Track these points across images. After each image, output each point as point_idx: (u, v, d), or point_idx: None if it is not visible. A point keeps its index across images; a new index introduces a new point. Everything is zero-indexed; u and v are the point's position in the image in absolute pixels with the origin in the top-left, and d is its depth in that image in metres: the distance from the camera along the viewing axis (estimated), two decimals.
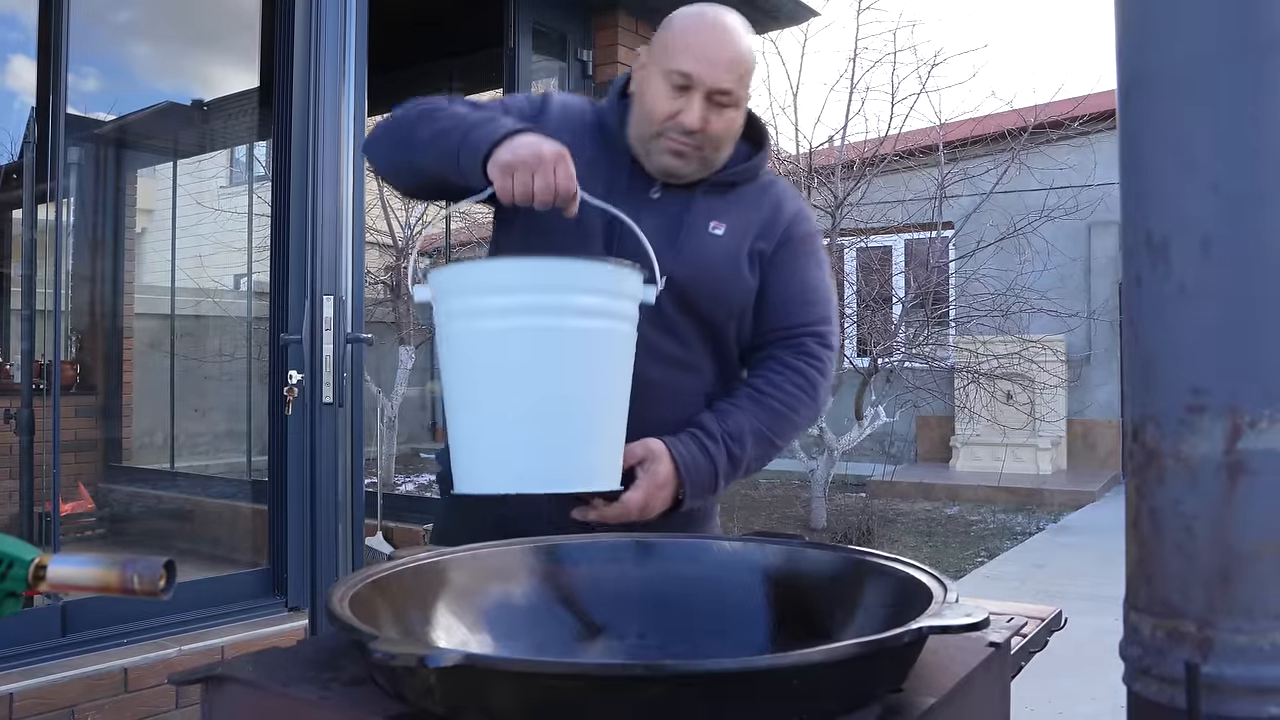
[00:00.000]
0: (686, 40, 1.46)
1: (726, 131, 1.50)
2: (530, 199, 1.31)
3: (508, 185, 1.31)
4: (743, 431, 1.49)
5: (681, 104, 1.45)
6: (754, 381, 1.56)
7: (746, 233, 1.55)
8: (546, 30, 4.47)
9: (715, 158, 1.52)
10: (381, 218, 7.57)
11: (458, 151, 1.37)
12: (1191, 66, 0.69)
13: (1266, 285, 0.65)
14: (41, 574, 0.70)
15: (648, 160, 1.52)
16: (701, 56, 1.44)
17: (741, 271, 1.54)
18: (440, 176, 1.43)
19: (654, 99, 1.47)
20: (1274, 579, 0.65)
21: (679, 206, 1.54)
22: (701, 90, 1.45)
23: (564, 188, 1.32)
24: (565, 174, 1.32)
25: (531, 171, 1.30)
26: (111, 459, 5.55)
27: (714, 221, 1.54)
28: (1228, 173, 0.67)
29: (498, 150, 1.33)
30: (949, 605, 0.83)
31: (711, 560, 1.12)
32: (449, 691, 0.73)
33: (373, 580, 0.96)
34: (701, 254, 1.51)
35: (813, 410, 1.57)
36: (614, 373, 1.34)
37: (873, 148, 7.31)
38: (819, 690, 0.73)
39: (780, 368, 1.55)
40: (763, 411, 1.52)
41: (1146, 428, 0.69)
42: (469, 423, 1.32)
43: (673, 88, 1.45)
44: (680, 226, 1.52)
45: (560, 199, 1.33)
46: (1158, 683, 0.69)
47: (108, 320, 5.60)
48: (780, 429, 1.53)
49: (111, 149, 5.61)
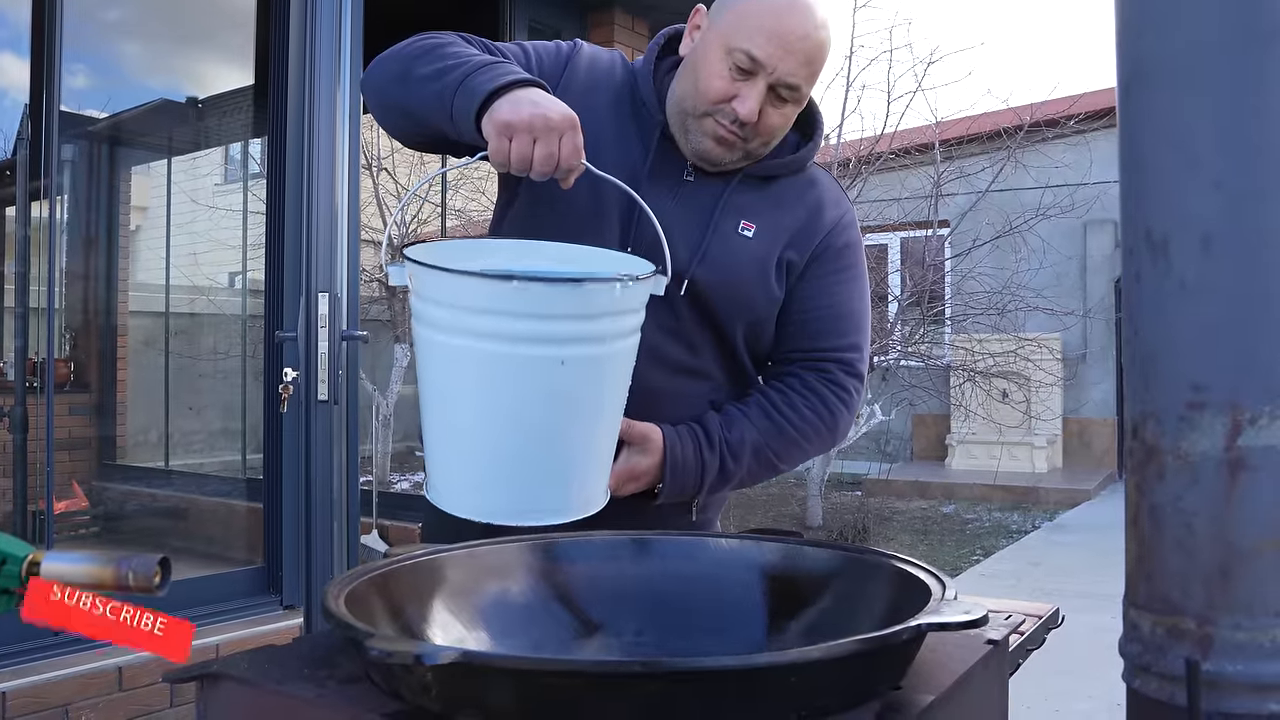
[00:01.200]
0: (763, 18, 1.26)
1: (781, 128, 1.34)
2: (527, 168, 1.13)
3: (503, 148, 1.12)
4: (744, 445, 1.37)
5: (740, 89, 1.27)
6: (771, 395, 1.41)
7: (778, 238, 1.39)
8: (542, 27, 4.47)
9: (760, 151, 1.36)
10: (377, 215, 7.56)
11: (453, 95, 1.17)
12: (1192, 57, 0.69)
13: (1267, 282, 0.65)
14: (35, 571, 0.70)
15: (684, 139, 1.35)
16: (777, 41, 1.25)
17: (768, 280, 1.38)
18: (433, 124, 1.24)
19: (709, 75, 1.29)
20: (1274, 575, 0.65)
21: (710, 197, 1.37)
22: (766, 79, 1.27)
23: (567, 161, 1.13)
24: (572, 146, 1.13)
25: (534, 137, 1.11)
26: (106, 457, 5.53)
27: (744, 221, 1.37)
28: (1229, 169, 0.67)
29: (498, 102, 1.13)
30: (947, 602, 0.83)
31: (709, 558, 1.12)
32: (445, 689, 0.72)
33: (368, 578, 0.95)
34: (727, 257, 1.35)
35: (827, 441, 1.42)
36: (603, 401, 1.18)
37: (869, 146, 7.31)
38: (817, 687, 0.73)
39: (803, 389, 1.40)
40: (772, 429, 1.38)
41: (1147, 424, 0.69)
42: (438, 437, 1.19)
43: (734, 67, 1.27)
44: (709, 223, 1.36)
45: (561, 173, 1.14)
46: (1158, 680, 0.68)
47: (102, 318, 5.59)
48: (785, 453, 1.40)
49: (106, 146, 5.59)
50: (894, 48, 10.43)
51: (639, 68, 1.42)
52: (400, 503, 5.58)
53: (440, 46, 1.26)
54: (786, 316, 1.42)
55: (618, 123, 1.38)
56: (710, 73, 1.29)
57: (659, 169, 1.37)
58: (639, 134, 1.38)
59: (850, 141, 7.52)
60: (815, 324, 1.42)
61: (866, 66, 9.01)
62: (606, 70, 1.42)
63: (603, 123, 1.36)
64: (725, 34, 1.28)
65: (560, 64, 1.39)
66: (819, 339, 1.42)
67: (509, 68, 1.18)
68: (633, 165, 1.35)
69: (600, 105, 1.38)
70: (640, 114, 1.39)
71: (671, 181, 1.37)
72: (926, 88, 10.07)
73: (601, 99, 1.38)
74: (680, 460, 1.34)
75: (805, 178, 1.45)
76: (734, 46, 1.27)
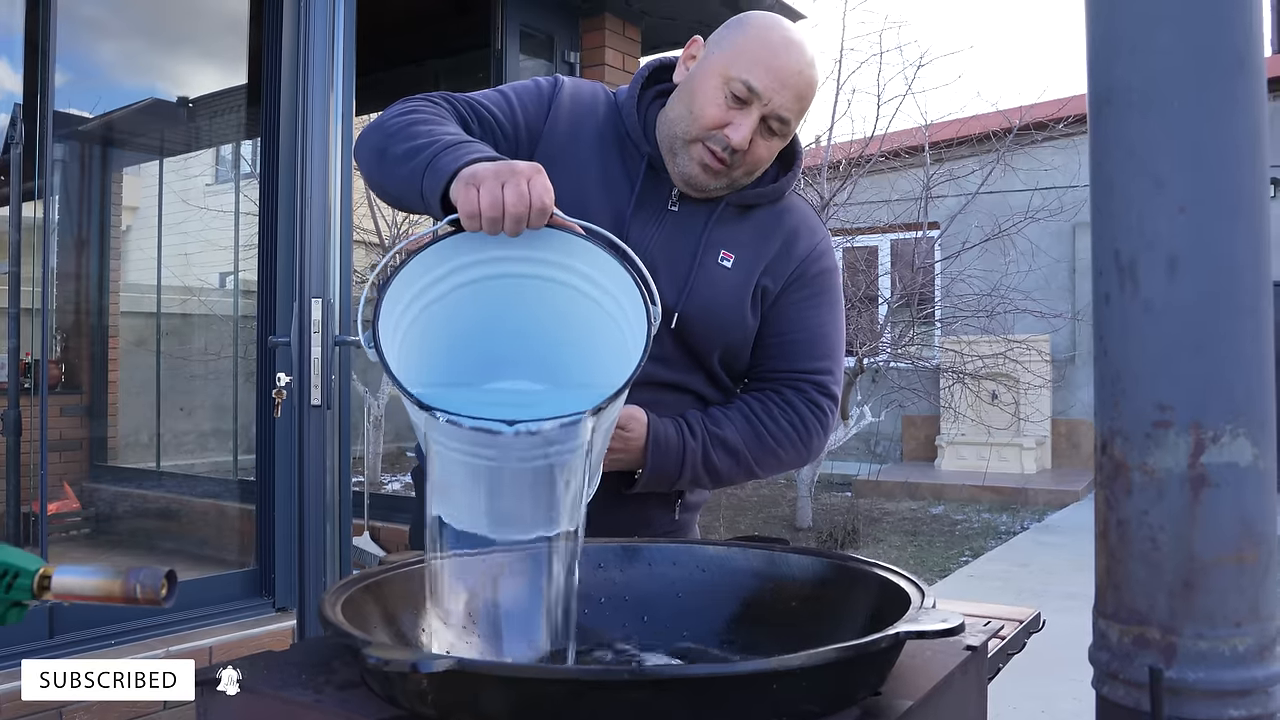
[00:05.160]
0: (761, 52, 1.32)
1: (765, 160, 1.39)
2: (499, 211, 1.05)
3: (471, 196, 1.06)
4: (724, 440, 1.41)
5: (735, 117, 1.32)
6: (751, 403, 1.45)
7: (755, 267, 1.43)
8: (534, 32, 4.49)
9: (743, 181, 1.41)
10: (368, 216, 7.57)
11: (421, 176, 1.17)
12: (1159, 85, 0.71)
13: (1229, 305, 0.68)
14: (46, 584, 0.72)
15: (672, 163, 1.39)
16: (774, 75, 1.31)
17: (744, 310, 1.42)
18: (408, 203, 1.23)
19: (705, 102, 1.33)
20: (1233, 587, 0.68)
21: (695, 227, 1.41)
22: (760, 109, 1.32)
23: (540, 199, 1.06)
24: (542, 185, 1.08)
25: (501, 182, 1.06)
26: (97, 458, 5.53)
27: (724, 251, 1.42)
28: (1193, 194, 0.70)
29: (461, 172, 1.11)
30: (926, 611, 0.86)
31: (695, 564, 1.15)
32: (440, 695, 0.75)
33: (364, 585, 0.98)
34: (708, 289, 1.40)
35: (801, 454, 1.46)
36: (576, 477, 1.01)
37: (859, 148, 7.35)
38: (800, 694, 0.75)
39: (781, 402, 1.44)
40: (751, 433, 1.42)
41: (1115, 441, 0.71)
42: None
43: (731, 96, 1.32)
44: (694, 256, 1.40)
45: (534, 214, 1.07)
46: (1124, 686, 0.71)
47: (93, 318, 5.59)
48: (762, 460, 1.43)
49: (96, 146, 5.59)
50: (884, 51, 10.47)
51: (623, 99, 1.46)
52: (391, 504, 5.59)
53: (414, 124, 1.25)
54: (763, 339, 1.46)
55: (603, 159, 1.41)
56: (706, 99, 1.33)
57: (644, 200, 1.41)
58: (624, 168, 1.42)
59: (840, 144, 7.56)
60: (791, 347, 1.46)
61: (856, 69, 9.06)
62: (589, 106, 1.45)
63: (589, 160, 1.39)
64: (724, 63, 1.33)
65: (544, 106, 1.42)
66: (795, 361, 1.46)
67: (475, 146, 1.17)
68: (619, 202, 1.39)
69: (585, 142, 1.41)
70: (625, 147, 1.43)
71: (657, 211, 1.41)
72: (916, 91, 10.15)
73: (586, 136, 1.41)
74: (663, 441, 1.36)
75: (782, 205, 1.49)
76: (732, 76, 1.32)
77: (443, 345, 1.12)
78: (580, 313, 1.13)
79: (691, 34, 1.47)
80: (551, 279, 1.12)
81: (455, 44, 5.04)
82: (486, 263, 1.11)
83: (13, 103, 4.50)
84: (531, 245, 1.09)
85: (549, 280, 1.13)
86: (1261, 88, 0.70)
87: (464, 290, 1.12)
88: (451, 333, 1.12)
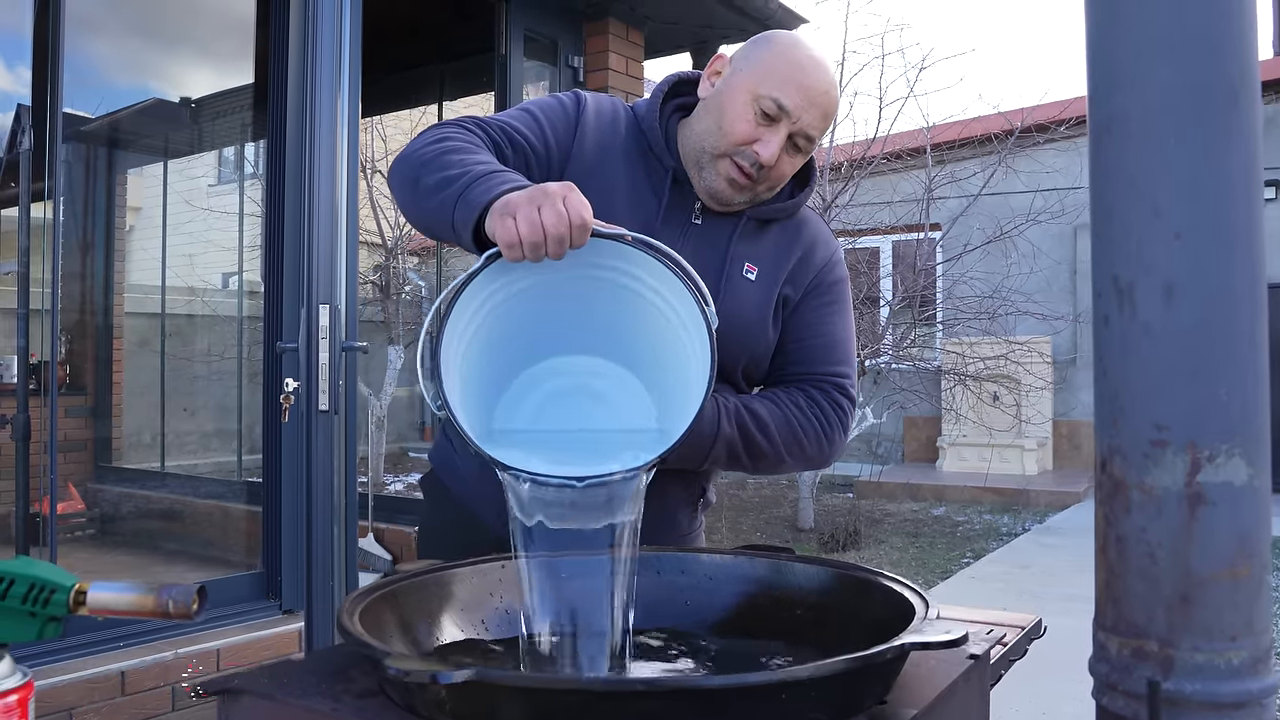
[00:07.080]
0: (790, 71, 1.35)
1: (788, 175, 1.43)
2: (539, 234, 1.04)
3: (509, 225, 1.05)
4: (756, 417, 1.39)
5: (764, 133, 1.36)
6: (778, 394, 1.46)
7: (776, 278, 1.46)
8: (538, 37, 4.51)
9: (765, 196, 1.44)
10: (370, 217, 7.60)
11: (453, 209, 1.16)
12: (1157, 115, 0.73)
13: (1225, 330, 0.70)
14: (81, 599, 0.74)
15: (698, 178, 1.42)
16: (804, 93, 1.35)
17: (767, 321, 1.45)
18: (441, 235, 1.23)
19: (734, 118, 1.36)
20: (1229, 602, 0.70)
21: (719, 240, 1.44)
22: (789, 127, 1.36)
23: (578, 213, 1.05)
24: (578, 202, 1.06)
25: (537, 205, 1.05)
26: (101, 459, 5.56)
27: (748, 264, 1.45)
28: (1189, 222, 0.71)
29: (493, 205, 1.11)
30: (930, 622, 0.88)
31: (702, 573, 1.17)
32: (459, 705, 0.77)
33: (380, 594, 1.00)
34: (734, 302, 1.42)
35: (822, 451, 1.46)
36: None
37: (861, 150, 7.37)
38: (808, 703, 0.78)
39: (805, 398, 1.45)
40: (782, 419, 1.41)
41: (1114, 459, 0.74)
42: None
43: (760, 113, 1.35)
44: (722, 269, 1.42)
45: (576, 232, 1.06)
46: (1123, 698, 0.73)
47: (97, 319, 5.61)
48: (790, 446, 1.42)
49: (101, 147, 5.61)
50: (886, 53, 10.48)
51: (643, 113, 1.47)
52: (395, 506, 5.61)
53: (446, 153, 1.25)
54: (782, 345, 1.49)
55: (630, 173, 1.43)
56: (736, 115, 1.36)
57: (670, 214, 1.43)
58: (650, 183, 1.44)
59: (843, 146, 7.58)
60: (810, 351, 1.49)
61: (859, 72, 9.08)
62: (611, 122, 1.47)
63: (617, 175, 1.41)
64: (754, 81, 1.36)
65: (571, 125, 1.44)
66: (814, 365, 1.48)
67: (506, 176, 1.17)
68: (647, 215, 1.41)
69: (612, 158, 1.43)
70: (649, 161, 1.45)
71: (681, 225, 1.44)
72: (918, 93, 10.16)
73: (612, 152, 1.43)
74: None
75: (798, 218, 1.53)
76: (762, 94, 1.35)
77: (503, 344, 1.16)
78: (635, 304, 1.16)
79: (694, 38, 1.50)
80: (600, 278, 1.15)
81: (459, 48, 5.07)
82: (535, 272, 1.11)
83: (17, 104, 4.52)
84: (577, 256, 1.10)
85: (598, 279, 1.15)
86: (1256, 120, 0.72)
87: (515, 298, 1.15)
88: (511, 329, 1.16)
